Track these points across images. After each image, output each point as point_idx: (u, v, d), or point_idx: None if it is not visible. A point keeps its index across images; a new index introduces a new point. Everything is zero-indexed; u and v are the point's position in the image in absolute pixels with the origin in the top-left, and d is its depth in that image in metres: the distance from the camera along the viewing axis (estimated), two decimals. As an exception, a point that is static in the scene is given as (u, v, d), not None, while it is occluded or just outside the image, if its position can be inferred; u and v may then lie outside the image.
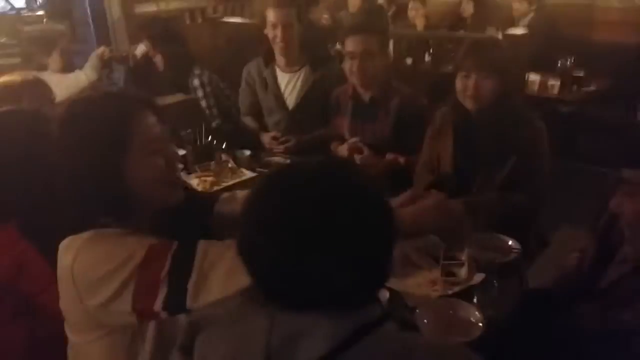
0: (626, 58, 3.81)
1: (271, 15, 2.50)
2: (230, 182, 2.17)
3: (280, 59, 2.62)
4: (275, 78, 2.65)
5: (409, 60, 3.75)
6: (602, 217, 1.17)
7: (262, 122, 2.75)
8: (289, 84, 2.64)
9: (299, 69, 2.62)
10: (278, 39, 2.51)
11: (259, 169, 2.30)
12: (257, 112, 2.76)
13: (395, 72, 2.72)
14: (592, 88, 3.60)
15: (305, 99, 2.61)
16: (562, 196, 2.28)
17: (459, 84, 1.91)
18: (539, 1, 4.36)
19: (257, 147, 2.57)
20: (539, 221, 2.04)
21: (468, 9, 4.80)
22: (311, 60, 2.62)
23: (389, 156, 2.32)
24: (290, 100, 2.64)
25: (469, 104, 1.92)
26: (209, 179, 2.16)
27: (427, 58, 3.76)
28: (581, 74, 3.54)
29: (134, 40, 3.47)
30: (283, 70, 2.64)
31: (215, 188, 2.11)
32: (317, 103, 2.57)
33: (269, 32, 2.54)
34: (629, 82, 3.65)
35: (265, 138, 2.63)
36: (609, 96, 3.64)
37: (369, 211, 0.79)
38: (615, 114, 3.68)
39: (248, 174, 2.24)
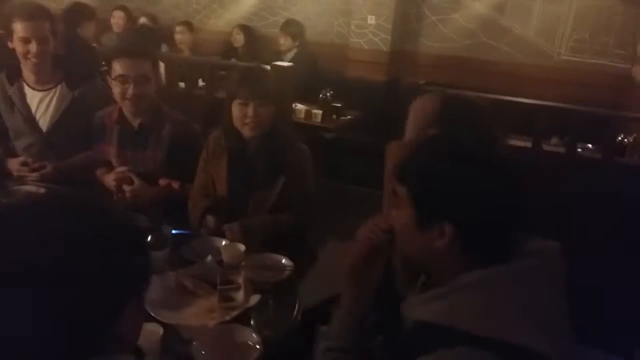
0: (373, 92, 4.39)
1: (20, 28, 2.19)
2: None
3: (29, 76, 2.32)
4: (23, 97, 2.32)
5: (182, 85, 3.69)
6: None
7: (8, 146, 2.38)
8: (41, 104, 2.34)
9: (53, 87, 2.35)
10: (31, 55, 2.22)
11: (3, 200, 1.96)
12: (1, 135, 2.38)
13: (168, 97, 2.63)
14: (349, 117, 4.05)
15: (61, 120, 2.34)
16: (328, 213, 2.49)
17: (236, 111, 1.94)
18: (301, 38, 4.75)
19: (1, 174, 2.21)
20: (309, 237, 2.18)
21: (239, 39, 4.98)
22: (67, 78, 2.38)
23: (162, 182, 2.23)
24: (44, 121, 2.34)
25: (247, 131, 1.95)
26: None
27: (200, 84, 3.75)
28: (339, 104, 3.95)
29: None
30: (33, 88, 2.33)
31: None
32: (76, 124, 2.33)
33: (17, 46, 2.22)
34: (377, 113, 4.21)
35: (13, 164, 2.27)
36: (363, 125, 4.14)
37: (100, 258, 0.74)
38: (371, 140, 4.20)
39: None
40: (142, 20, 5.09)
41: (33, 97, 2.33)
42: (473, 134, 1.31)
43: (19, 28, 2.19)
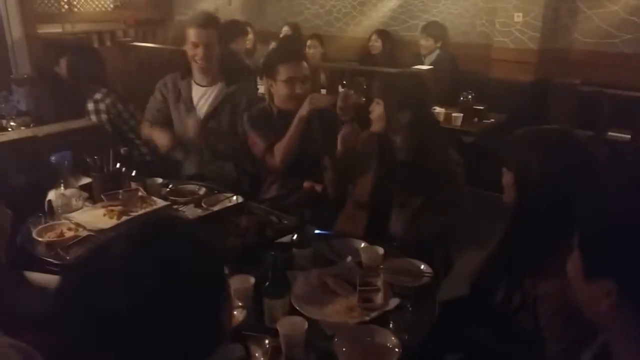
0: (519, 93, 4.15)
1: (192, 34, 2.53)
2: (141, 212, 2.07)
3: (197, 75, 2.65)
4: (189, 91, 2.67)
5: (323, 91, 3.84)
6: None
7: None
8: (203, 97, 2.67)
9: (214, 84, 2.64)
10: (198, 58, 2.53)
11: (171, 198, 2.22)
12: (161, 121, 2.73)
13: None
14: (492, 120, 3.87)
15: (215, 110, 2.64)
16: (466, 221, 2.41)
17: (372, 108, 2.04)
18: (444, 40, 4.66)
19: (169, 174, 2.50)
20: (447, 244, 2.13)
21: (377, 46, 5.03)
22: (227, 78, 2.65)
23: (307, 184, 2.35)
24: (201, 111, 2.64)
25: (375, 127, 2.04)
26: (117, 208, 2.05)
27: (340, 89, 3.86)
28: (481, 107, 3.80)
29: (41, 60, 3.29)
30: (199, 84, 2.65)
31: (124, 218, 2.00)
32: (225, 115, 2.63)
33: (188, 50, 2.54)
34: (523, 115, 3.98)
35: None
36: (507, 128, 3.93)
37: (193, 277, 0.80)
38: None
39: (160, 203, 2.15)
40: (285, 29, 5.38)
41: (197, 91, 2.67)
42: None
43: (191, 34, 2.53)
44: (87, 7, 5.33)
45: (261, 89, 3.62)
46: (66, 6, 5.14)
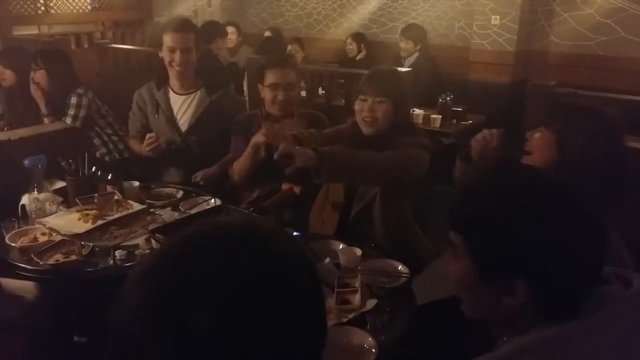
0: (497, 95, 4.20)
1: (168, 39, 2.49)
2: (117, 216, 2.04)
3: (174, 83, 2.61)
4: (167, 100, 2.62)
5: (303, 93, 3.83)
6: None
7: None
8: (182, 106, 2.62)
9: (194, 92, 2.61)
10: (175, 63, 2.50)
11: (148, 201, 2.19)
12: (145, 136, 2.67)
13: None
14: (470, 122, 3.91)
15: (198, 121, 2.60)
16: (442, 221, 2.42)
17: (357, 106, 2.03)
18: (423, 42, 4.70)
19: (146, 177, 2.47)
20: (423, 245, 2.15)
21: (352, 49, 5.06)
22: (207, 85, 2.63)
23: (285, 186, 2.35)
24: (183, 122, 2.61)
25: (364, 127, 2.02)
26: (92, 212, 2.02)
27: (320, 92, 3.86)
28: (460, 108, 3.84)
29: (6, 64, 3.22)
30: (177, 93, 2.61)
31: (100, 222, 1.98)
32: (210, 125, 2.59)
33: (165, 55, 2.51)
34: (500, 117, 4.02)
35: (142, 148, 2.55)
36: (485, 128, 3.98)
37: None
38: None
39: (136, 206, 2.13)
40: (267, 34, 5.37)
41: (176, 101, 2.63)
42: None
43: (167, 39, 2.49)
44: (64, 8, 5.25)
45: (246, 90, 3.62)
46: (43, 8, 5.06)
